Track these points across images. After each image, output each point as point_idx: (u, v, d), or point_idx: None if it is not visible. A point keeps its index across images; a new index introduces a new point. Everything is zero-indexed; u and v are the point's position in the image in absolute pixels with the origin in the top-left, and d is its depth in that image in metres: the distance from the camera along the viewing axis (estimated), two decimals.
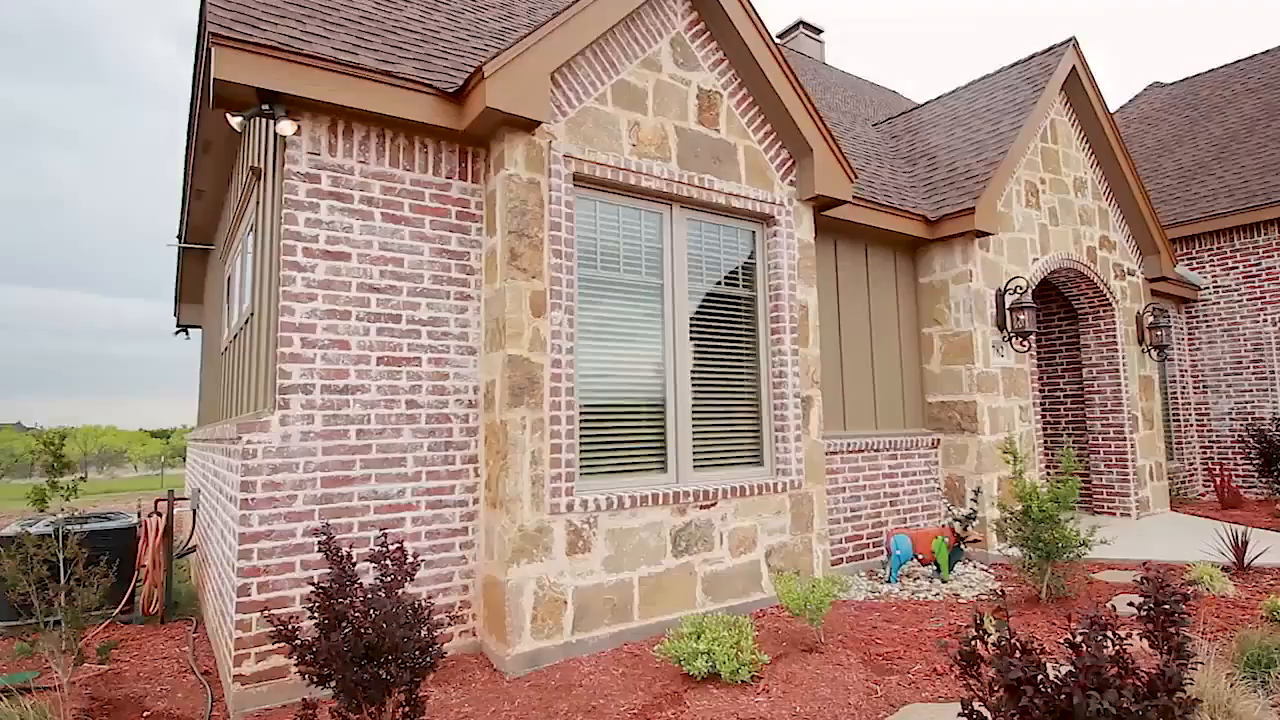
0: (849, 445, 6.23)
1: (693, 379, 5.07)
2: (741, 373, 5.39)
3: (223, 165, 5.98)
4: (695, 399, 5.07)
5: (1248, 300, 10.36)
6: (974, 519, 5.56)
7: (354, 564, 2.96)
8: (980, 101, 8.44)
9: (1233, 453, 10.32)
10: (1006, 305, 6.98)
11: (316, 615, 2.83)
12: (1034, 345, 9.01)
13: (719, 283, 5.36)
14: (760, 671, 3.77)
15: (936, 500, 6.85)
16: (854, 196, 6.18)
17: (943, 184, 7.38)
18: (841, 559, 6.03)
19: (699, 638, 3.76)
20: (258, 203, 4.67)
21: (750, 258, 5.55)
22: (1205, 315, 10.77)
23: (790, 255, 5.54)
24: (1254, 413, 10.20)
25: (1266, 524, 7.57)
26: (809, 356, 5.56)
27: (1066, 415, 9.28)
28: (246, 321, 4.90)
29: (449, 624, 4.11)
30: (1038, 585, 4.99)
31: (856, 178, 6.20)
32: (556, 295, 4.33)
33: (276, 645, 3.50)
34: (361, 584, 2.92)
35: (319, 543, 2.95)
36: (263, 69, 3.69)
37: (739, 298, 5.45)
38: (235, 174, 5.83)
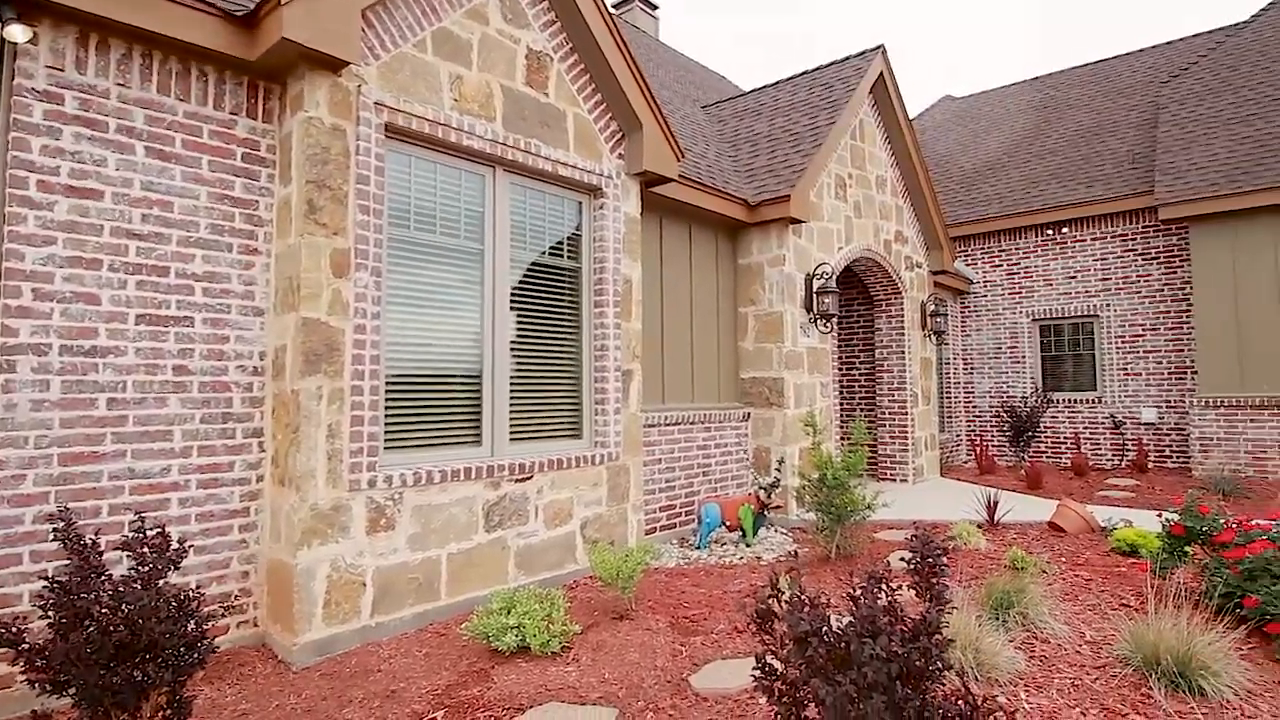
0: (666, 418, 6.40)
1: (513, 350, 4.92)
2: (563, 345, 5.32)
3: None
4: (515, 370, 4.93)
5: (1009, 294, 11.95)
6: (777, 487, 5.94)
7: (101, 553, 2.57)
8: (800, 95, 8.91)
9: (991, 426, 11.94)
10: (814, 289, 7.48)
11: (51, 614, 2.43)
12: (836, 327, 9.78)
13: (544, 252, 5.22)
14: (571, 642, 3.78)
15: (745, 470, 7.25)
16: (681, 176, 6.29)
17: (763, 171, 7.73)
18: (655, 528, 6.21)
19: (509, 612, 3.68)
20: None
21: (577, 229, 5.47)
22: (975, 306, 12.29)
23: (616, 229, 5.53)
24: (1009, 392, 11.84)
25: (1013, 487, 8.83)
26: (631, 331, 5.60)
27: (860, 392, 10.22)
28: None
29: (224, 615, 3.69)
30: (829, 546, 5.44)
31: (684, 157, 6.30)
32: (362, 255, 3.98)
33: None
34: (111, 575, 2.54)
35: (55, 530, 2.52)
36: None
37: (564, 269, 5.36)
38: None
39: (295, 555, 3.62)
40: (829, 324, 7.77)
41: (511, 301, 4.92)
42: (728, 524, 5.89)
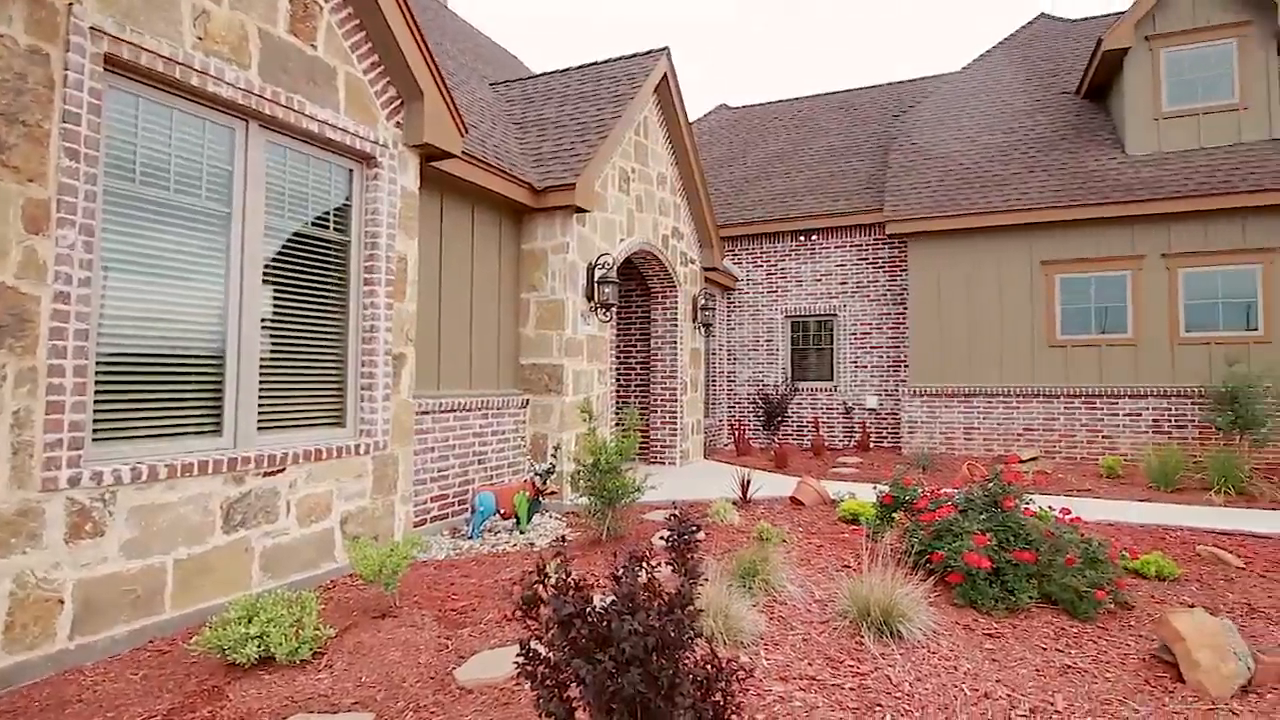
0: (441, 405, 6.18)
1: (267, 329, 4.44)
2: (327, 325, 4.91)
3: None
4: (269, 351, 4.45)
5: (768, 293, 13.18)
6: (552, 472, 6.01)
7: None
8: (589, 86, 9.02)
9: (749, 412, 13.12)
10: (595, 278, 7.65)
11: None
12: (615, 317, 10.11)
13: (308, 223, 4.76)
14: (325, 647, 3.52)
15: (523, 458, 7.24)
16: (465, 152, 6.07)
17: (550, 156, 7.72)
18: (427, 519, 5.99)
19: (251, 621, 3.32)
20: None
21: (347, 200, 5.06)
22: (740, 302, 13.41)
23: (391, 202, 5.20)
24: (764, 381, 13.09)
25: (764, 466, 9.79)
26: (404, 312, 5.31)
27: (636, 380, 10.68)
28: None
29: None
30: (601, 529, 5.63)
31: (468, 133, 6.10)
32: (68, 209, 3.33)
33: None
34: None
35: None
36: None
37: (330, 242, 4.93)
38: None
39: None
40: (609, 313, 8.01)
41: (266, 275, 4.43)
42: (502, 512, 5.85)
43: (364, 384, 5.03)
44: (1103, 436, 10.20)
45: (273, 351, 4.50)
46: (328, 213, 4.93)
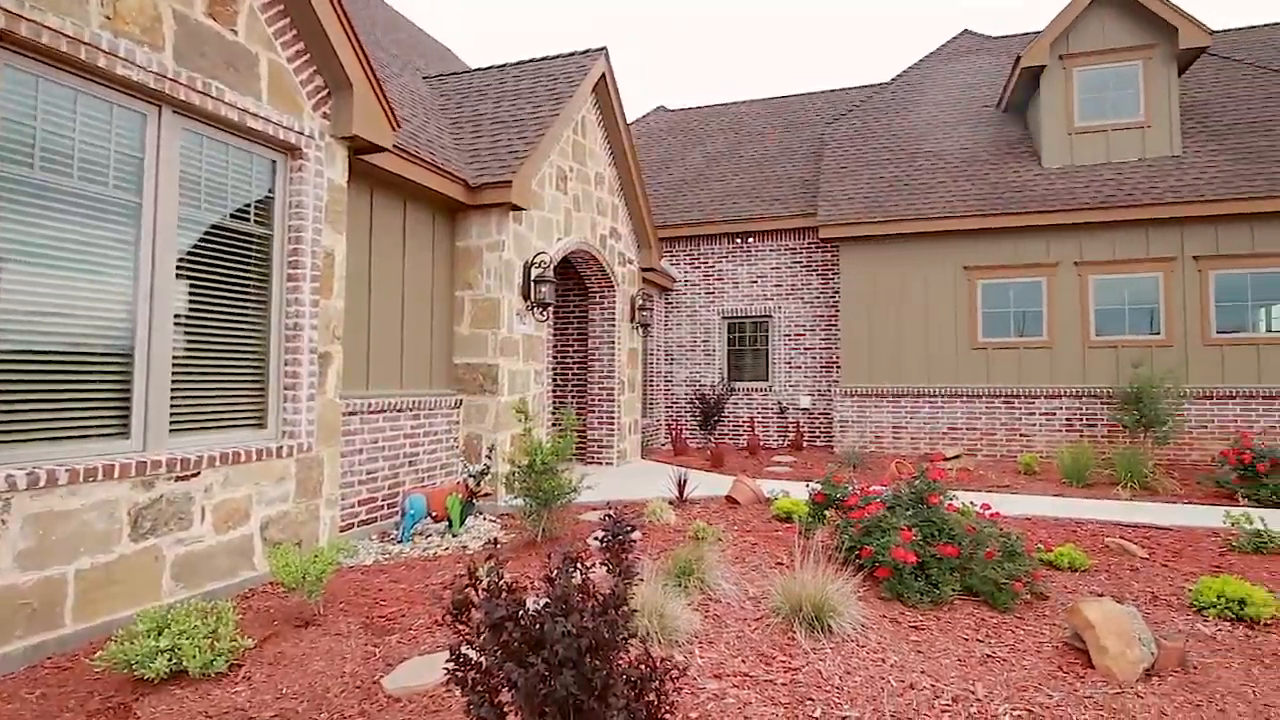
0: (370, 405, 5.99)
1: (182, 326, 4.22)
2: (248, 322, 4.69)
3: None
4: (184, 349, 4.22)
5: (705, 294, 13.32)
6: (486, 474, 5.91)
7: None
8: (526, 83, 8.92)
9: (686, 412, 13.21)
10: (532, 277, 7.57)
11: None
12: (552, 316, 10.03)
13: (227, 215, 4.54)
14: (243, 658, 3.36)
15: (456, 459, 7.10)
16: (396, 146, 5.91)
17: (486, 153, 7.60)
18: (354, 523, 5.79)
19: (161, 633, 3.15)
20: None
21: (270, 192, 4.85)
22: (677, 302, 13.50)
23: (318, 196, 5.01)
24: (701, 381, 13.21)
25: (701, 466, 9.87)
26: (331, 309, 5.13)
27: (573, 379, 10.62)
28: None
29: None
30: (536, 530, 5.57)
31: (400, 127, 5.94)
32: None
33: None
34: None
35: None
36: None
37: (252, 236, 4.72)
38: None
39: None
40: (545, 312, 7.93)
41: (181, 269, 4.21)
42: (434, 515, 5.71)
43: (288, 383, 4.83)
44: (1021, 435, 10.69)
45: (188, 350, 4.27)
46: (249, 205, 4.71)
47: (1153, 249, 10.27)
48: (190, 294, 4.30)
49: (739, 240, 13.12)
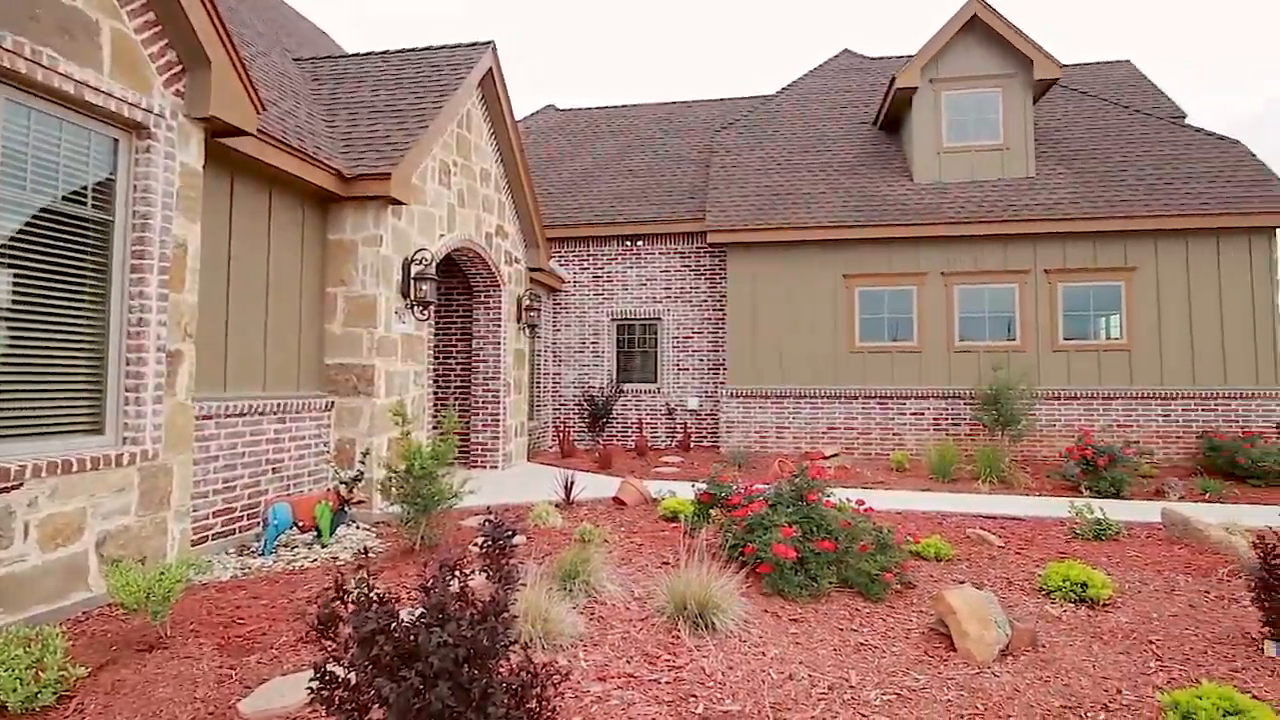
0: (228, 408, 5.51)
1: (3, 320, 3.71)
2: (83, 316, 4.19)
3: None
4: (3, 346, 3.72)
5: (595, 295, 13.29)
6: (360, 480, 5.58)
7: None
8: (409, 71, 8.56)
9: (574, 414, 13.12)
10: (412, 274, 7.25)
11: None
12: (434, 315, 9.68)
13: (59, 198, 4.04)
14: (75, 689, 3.01)
15: (326, 465, 6.67)
16: (261, 131, 5.48)
17: (362, 143, 7.21)
18: (208, 536, 5.31)
19: None
20: None
21: (111, 174, 4.36)
22: (566, 304, 13.39)
23: (168, 180, 4.55)
24: (590, 382, 13.16)
25: (589, 468, 9.81)
26: (183, 304, 4.68)
27: (456, 381, 10.29)
28: None
29: None
30: (414, 538, 5.31)
31: (266, 110, 5.52)
32: None
33: None
34: None
35: None
36: None
37: (88, 221, 4.22)
38: None
39: None
40: (426, 311, 7.62)
41: (1, 257, 3.70)
42: (301, 525, 5.32)
43: (130, 384, 4.35)
44: (894, 434, 11.35)
45: (9, 346, 3.77)
46: (86, 187, 4.22)
47: (1010, 262, 11.20)
48: (12, 285, 3.80)
49: (629, 243, 13.19)
